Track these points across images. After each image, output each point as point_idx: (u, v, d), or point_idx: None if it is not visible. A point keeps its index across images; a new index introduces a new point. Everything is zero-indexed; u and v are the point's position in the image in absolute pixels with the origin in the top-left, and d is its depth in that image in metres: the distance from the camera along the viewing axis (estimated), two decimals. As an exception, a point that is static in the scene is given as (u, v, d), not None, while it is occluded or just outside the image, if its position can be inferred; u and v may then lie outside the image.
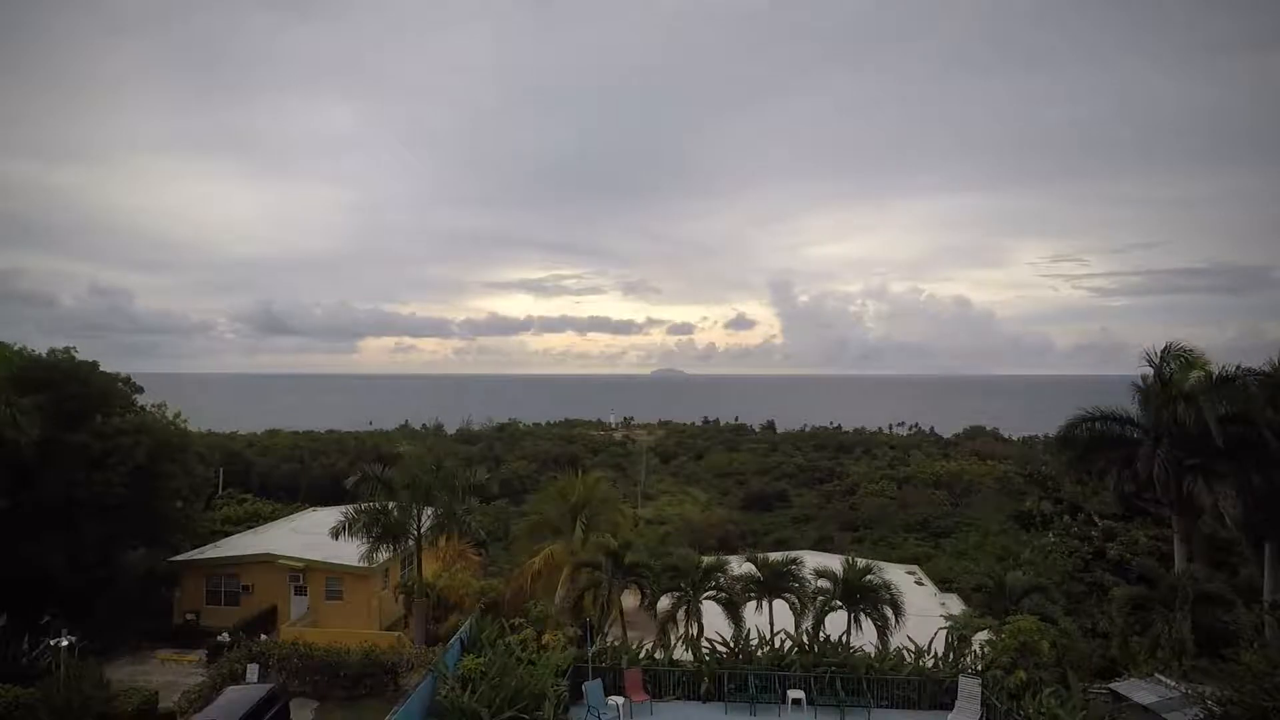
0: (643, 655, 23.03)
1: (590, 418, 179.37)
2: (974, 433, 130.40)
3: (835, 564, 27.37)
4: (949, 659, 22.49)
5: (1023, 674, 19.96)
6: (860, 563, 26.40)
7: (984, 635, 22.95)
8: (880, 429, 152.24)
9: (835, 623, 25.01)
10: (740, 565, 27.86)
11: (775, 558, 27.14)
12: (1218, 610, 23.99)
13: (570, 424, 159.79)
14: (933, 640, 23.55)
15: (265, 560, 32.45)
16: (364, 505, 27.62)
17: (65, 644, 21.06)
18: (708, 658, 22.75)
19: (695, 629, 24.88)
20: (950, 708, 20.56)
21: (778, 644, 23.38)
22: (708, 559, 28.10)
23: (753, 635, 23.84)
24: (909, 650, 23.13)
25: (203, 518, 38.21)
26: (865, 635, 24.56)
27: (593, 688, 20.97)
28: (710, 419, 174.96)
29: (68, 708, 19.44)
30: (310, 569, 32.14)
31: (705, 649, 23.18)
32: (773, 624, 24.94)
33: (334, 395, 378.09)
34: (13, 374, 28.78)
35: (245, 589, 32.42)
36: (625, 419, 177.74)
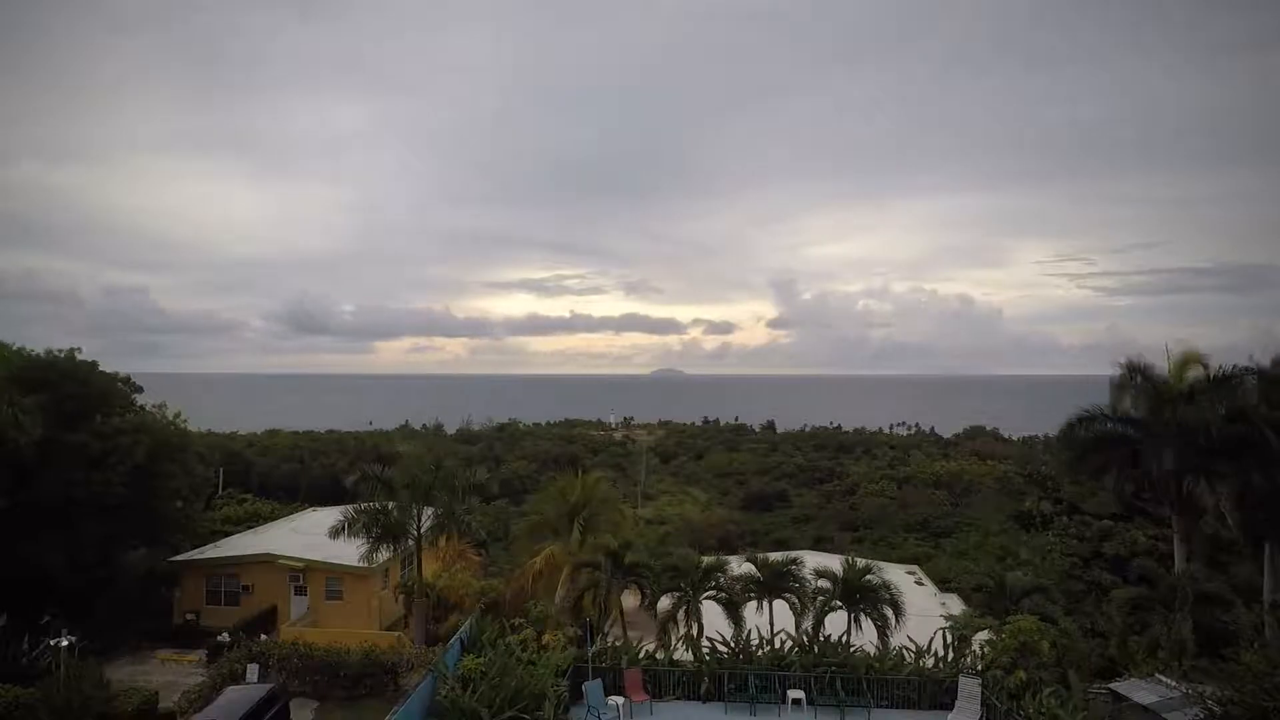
0: (643, 655, 23.01)
1: (590, 418, 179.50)
2: (974, 433, 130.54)
3: (835, 564, 27.38)
4: (949, 659, 22.49)
5: (1023, 674, 19.95)
6: (860, 563, 26.41)
7: (984, 635, 22.96)
8: (880, 429, 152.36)
9: (835, 623, 25.01)
10: (740, 565, 27.87)
11: (775, 558, 27.17)
12: (1217, 610, 24.02)
13: (570, 424, 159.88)
14: (932, 640, 23.52)
15: (265, 560, 32.44)
16: (364, 505, 27.56)
17: (65, 644, 21.03)
18: (708, 658, 22.73)
19: (695, 629, 24.87)
20: (950, 708, 20.53)
21: (778, 644, 23.36)
22: (708, 559, 28.14)
23: (753, 635, 23.80)
24: (909, 650, 23.12)
25: (203, 518, 38.19)
26: (865, 635, 24.54)
27: (593, 688, 20.95)
28: (710, 419, 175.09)
29: (68, 708, 19.41)
30: (310, 569, 32.13)
31: (705, 649, 23.15)
32: (773, 624, 24.92)
33: (336, 395, 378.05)
34: (12, 374, 28.77)
35: (245, 589, 32.40)
36: (625, 419, 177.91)
